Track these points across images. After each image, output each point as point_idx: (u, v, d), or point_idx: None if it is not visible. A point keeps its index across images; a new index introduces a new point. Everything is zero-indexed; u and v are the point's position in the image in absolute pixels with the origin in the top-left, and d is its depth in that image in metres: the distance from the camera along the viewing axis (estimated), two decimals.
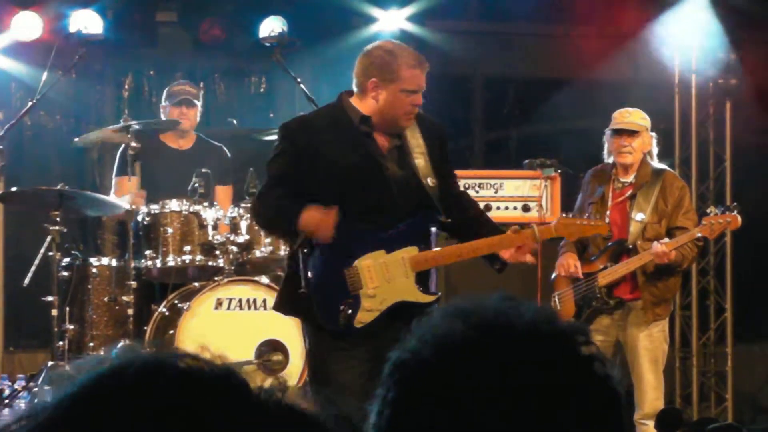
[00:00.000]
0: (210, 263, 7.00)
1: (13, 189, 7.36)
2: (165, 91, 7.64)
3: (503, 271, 4.95)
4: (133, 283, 6.90)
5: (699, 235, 6.19)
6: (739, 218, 6.26)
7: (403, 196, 4.76)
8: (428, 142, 4.87)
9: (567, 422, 1.24)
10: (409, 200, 4.78)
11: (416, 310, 4.44)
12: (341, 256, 4.73)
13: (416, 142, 4.85)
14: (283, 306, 5.03)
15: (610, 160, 6.46)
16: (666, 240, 6.14)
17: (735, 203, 6.53)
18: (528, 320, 1.28)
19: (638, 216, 6.27)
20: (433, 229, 4.90)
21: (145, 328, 6.94)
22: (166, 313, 6.91)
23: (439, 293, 4.88)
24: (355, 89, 4.86)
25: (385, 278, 4.74)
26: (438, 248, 4.89)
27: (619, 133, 6.34)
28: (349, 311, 4.68)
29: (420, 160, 4.82)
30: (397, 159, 4.82)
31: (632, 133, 6.32)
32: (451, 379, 1.25)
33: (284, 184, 4.76)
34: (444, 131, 5.05)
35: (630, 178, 6.36)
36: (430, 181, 4.81)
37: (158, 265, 6.99)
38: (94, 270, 7.19)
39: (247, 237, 6.97)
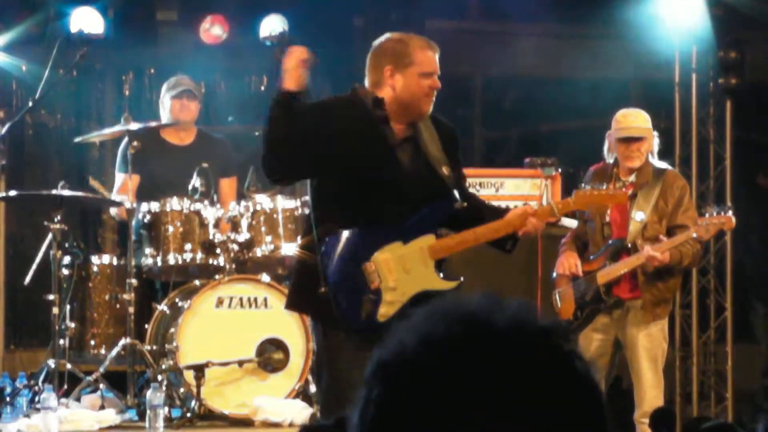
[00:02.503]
0: (211, 261, 7.00)
1: (13, 193, 7.33)
2: (164, 86, 7.62)
3: (515, 249, 4.92)
4: (134, 282, 6.90)
5: (694, 235, 6.19)
6: (733, 219, 6.26)
7: (415, 184, 4.73)
8: (442, 137, 4.85)
9: (552, 419, 1.24)
10: (423, 189, 4.74)
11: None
12: (358, 253, 4.67)
13: (430, 133, 4.82)
14: (297, 304, 5.03)
15: (611, 159, 6.45)
16: (657, 243, 6.12)
17: (729, 204, 6.54)
18: (510, 316, 1.28)
19: (638, 215, 6.26)
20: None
21: (146, 326, 6.95)
22: (167, 312, 6.92)
23: (461, 278, 4.79)
24: (369, 86, 4.82)
25: (404, 269, 4.68)
26: (455, 234, 4.85)
27: (627, 139, 6.30)
28: (371, 305, 4.62)
29: (434, 150, 4.79)
30: (411, 148, 4.79)
31: (640, 139, 6.30)
32: (435, 376, 1.24)
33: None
34: (456, 133, 5.02)
35: (631, 177, 6.35)
36: (444, 170, 4.79)
37: (159, 263, 7.00)
38: (95, 268, 7.20)
39: (247, 235, 6.96)
